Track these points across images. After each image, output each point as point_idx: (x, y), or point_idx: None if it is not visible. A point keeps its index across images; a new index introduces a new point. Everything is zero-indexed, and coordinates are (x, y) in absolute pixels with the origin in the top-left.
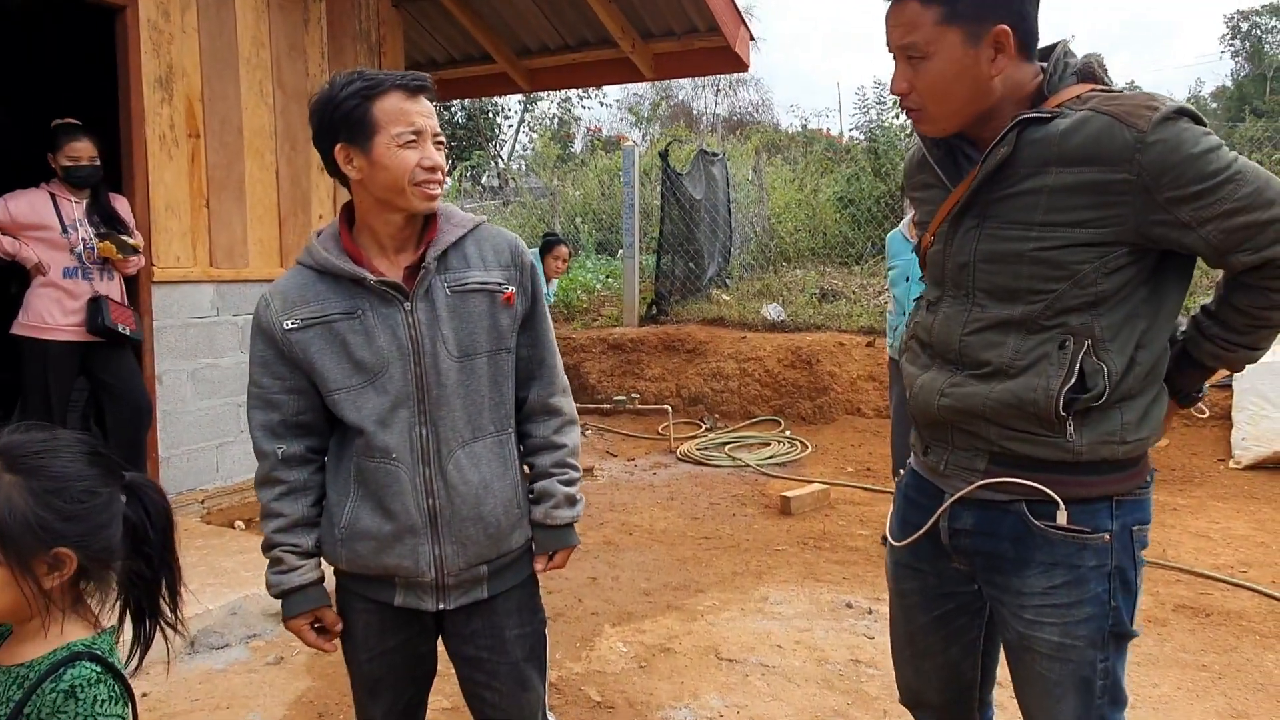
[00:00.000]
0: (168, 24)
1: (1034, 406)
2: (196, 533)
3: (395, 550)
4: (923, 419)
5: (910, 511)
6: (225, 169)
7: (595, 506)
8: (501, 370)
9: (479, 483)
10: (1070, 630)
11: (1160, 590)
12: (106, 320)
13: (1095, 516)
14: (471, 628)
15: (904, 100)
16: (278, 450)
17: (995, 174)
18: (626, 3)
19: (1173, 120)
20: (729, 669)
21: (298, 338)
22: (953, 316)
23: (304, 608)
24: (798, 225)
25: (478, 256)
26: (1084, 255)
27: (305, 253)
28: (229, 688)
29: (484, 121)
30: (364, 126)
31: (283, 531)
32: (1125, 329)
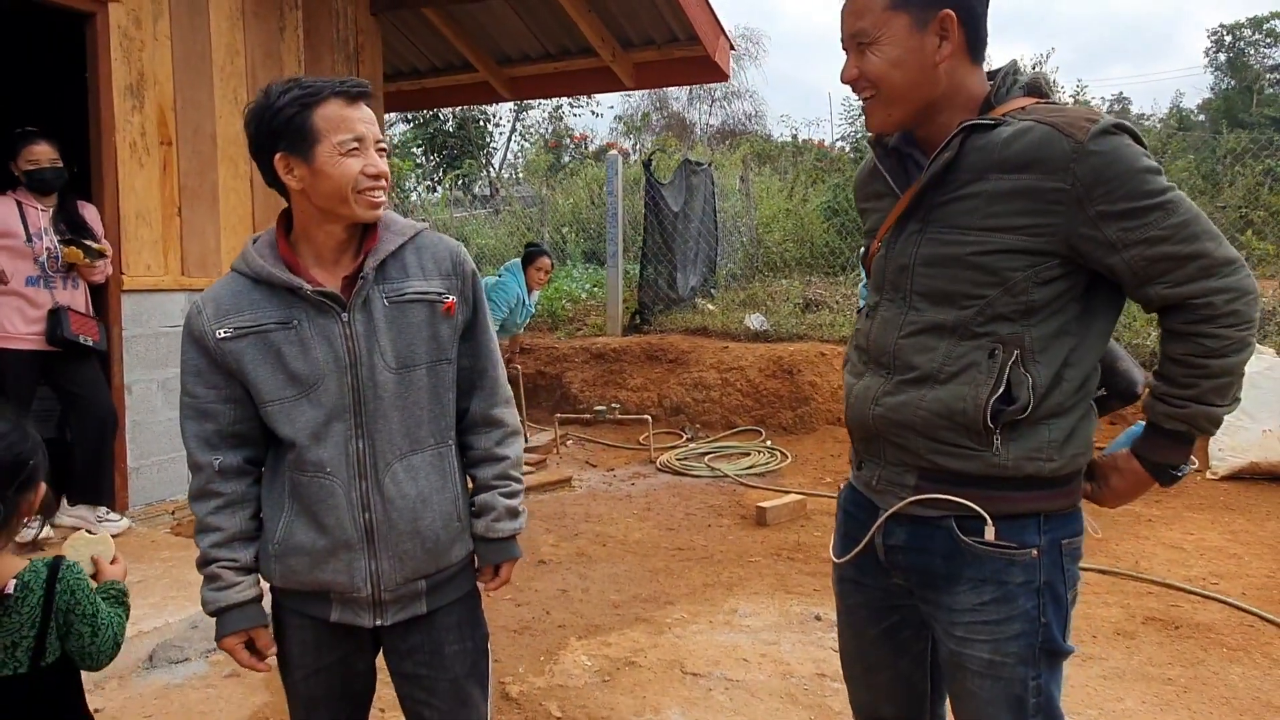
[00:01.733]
0: (139, 31)
1: (963, 416)
2: (163, 544)
3: (330, 566)
4: (858, 431)
5: (850, 526)
6: (198, 177)
7: (571, 517)
8: (442, 381)
9: (416, 496)
10: (1000, 647)
11: (1131, 603)
12: (66, 331)
13: (1023, 532)
14: (409, 644)
15: (854, 88)
16: (214, 461)
17: (939, 179)
18: (606, 12)
19: (1112, 134)
20: (692, 683)
21: (230, 347)
22: (890, 320)
23: (239, 626)
24: (785, 235)
25: (417, 265)
26: (1016, 262)
27: (240, 259)
28: (185, 703)
29: (475, 130)
30: (304, 135)
31: (220, 546)
32: (1055, 344)
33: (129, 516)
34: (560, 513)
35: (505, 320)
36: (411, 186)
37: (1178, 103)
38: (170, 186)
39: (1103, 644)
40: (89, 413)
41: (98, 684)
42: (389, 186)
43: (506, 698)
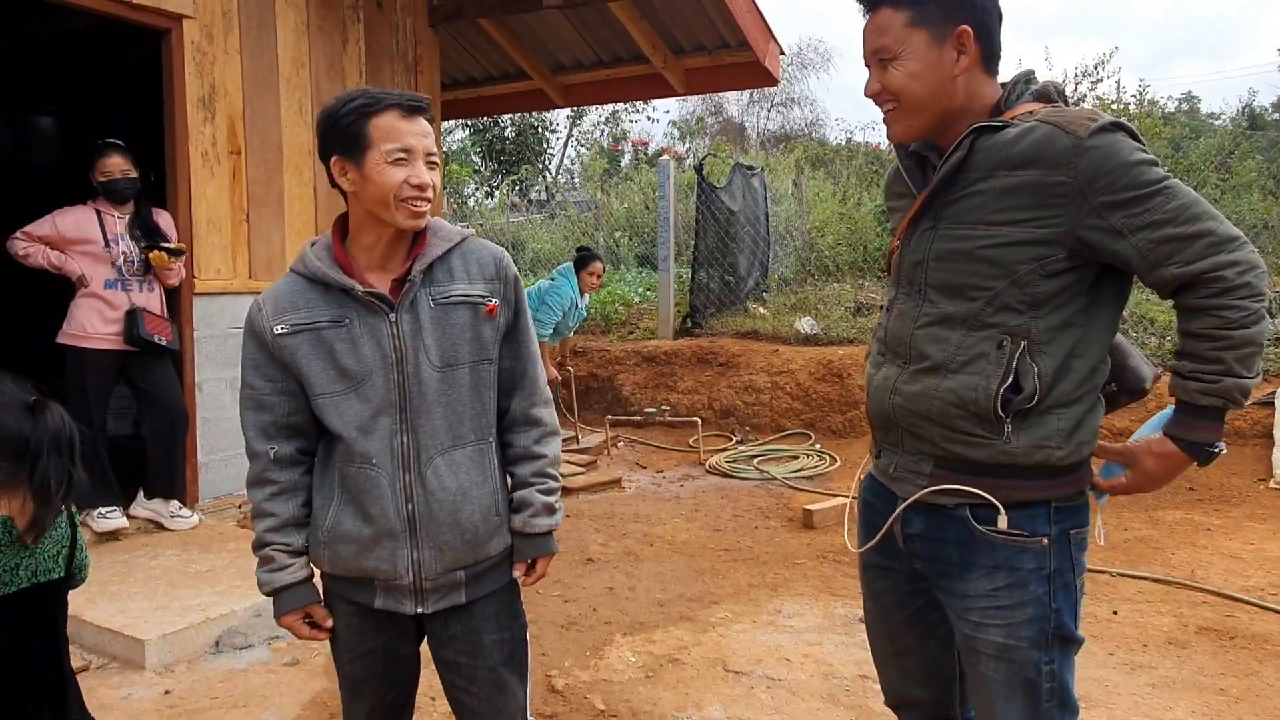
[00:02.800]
0: (211, 46)
1: (975, 405)
2: (230, 536)
3: (374, 553)
4: (878, 419)
5: (870, 514)
6: (265, 185)
7: (620, 517)
8: (483, 380)
9: (457, 489)
10: (1013, 631)
11: (1184, 612)
12: (142, 331)
13: (1034, 521)
14: (450, 632)
15: (877, 101)
16: (270, 450)
17: (950, 178)
18: (658, 20)
19: (1109, 130)
20: (735, 681)
21: (286, 342)
22: (906, 312)
23: (295, 604)
24: (838, 239)
25: (462, 270)
26: (1022, 254)
27: (299, 260)
28: (248, 687)
29: (532, 137)
30: (359, 141)
31: (274, 530)
32: (1061, 335)
33: (199, 509)
34: (610, 513)
35: (558, 323)
36: (470, 192)
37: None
38: (239, 194)
39: (1153, 652)
40: (161, 410)
41: (168, 666)
42: (435, 198)
43: (553, 690)
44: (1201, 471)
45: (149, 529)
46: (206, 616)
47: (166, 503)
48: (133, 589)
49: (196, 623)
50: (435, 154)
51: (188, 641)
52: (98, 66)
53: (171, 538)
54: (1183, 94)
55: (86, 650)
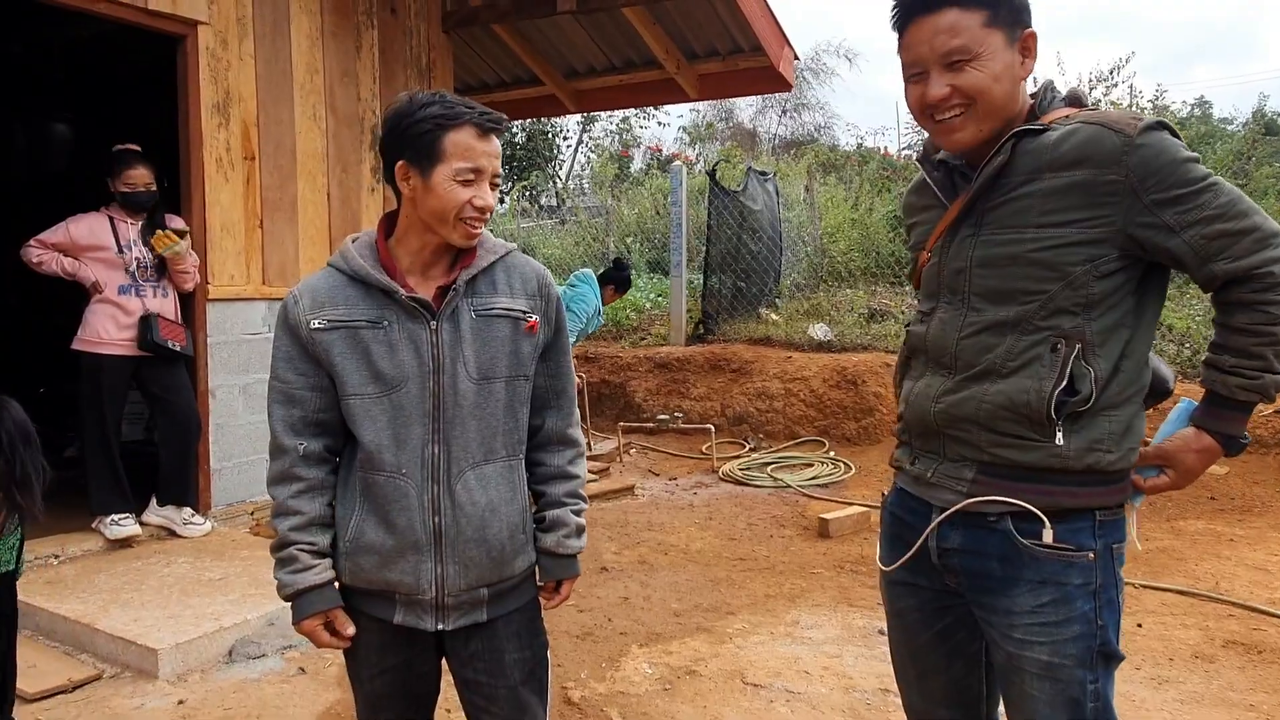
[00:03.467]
0: (226, 52)
1: (1026, 408)
2: (243, 543)
3: (398, 566)
4: (917, 426)
5: (898, 529)
6: (279, 190)
7: (633, 525)
8: (518, 396)
9: (486, 505)
10: (1059, 649)
11: (1210, 625)
12: (156, 337)
13: (1079, 535)
14: (470, 650)
15: (943, 106)
16: (299, 446)
17: (991, 183)
18: (671, 24)
19: (1156, 129)
20: (753, 694)
21: (322, 338)
22: (948, 321)
23: (318, 608)
24: (850, 245)
25: (505, 284)
26: (1076, 256)
27: (339, 256)
28: (261, 697)
29: (543, 142)
30: (430, 153)
31: (299, 530)
32: (1113, 337)
33: (211, 516)
34: (623, 521)
35: (580, 330)
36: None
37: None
38: (253, 199)
39: (1180, 667)
40: (173, 416)
41: (181, 676)
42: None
43: (569, 703)
44: (1223, 481)
45: (161, 536)
46: (220, 625)
47: (179, 510)
48: (145, 597)
49: (210, 632)
50: (499, 174)
51: (201, 651)
52: (110, 72)
53: (184, 545)
54: (1195, 99)
55: (99, 659)
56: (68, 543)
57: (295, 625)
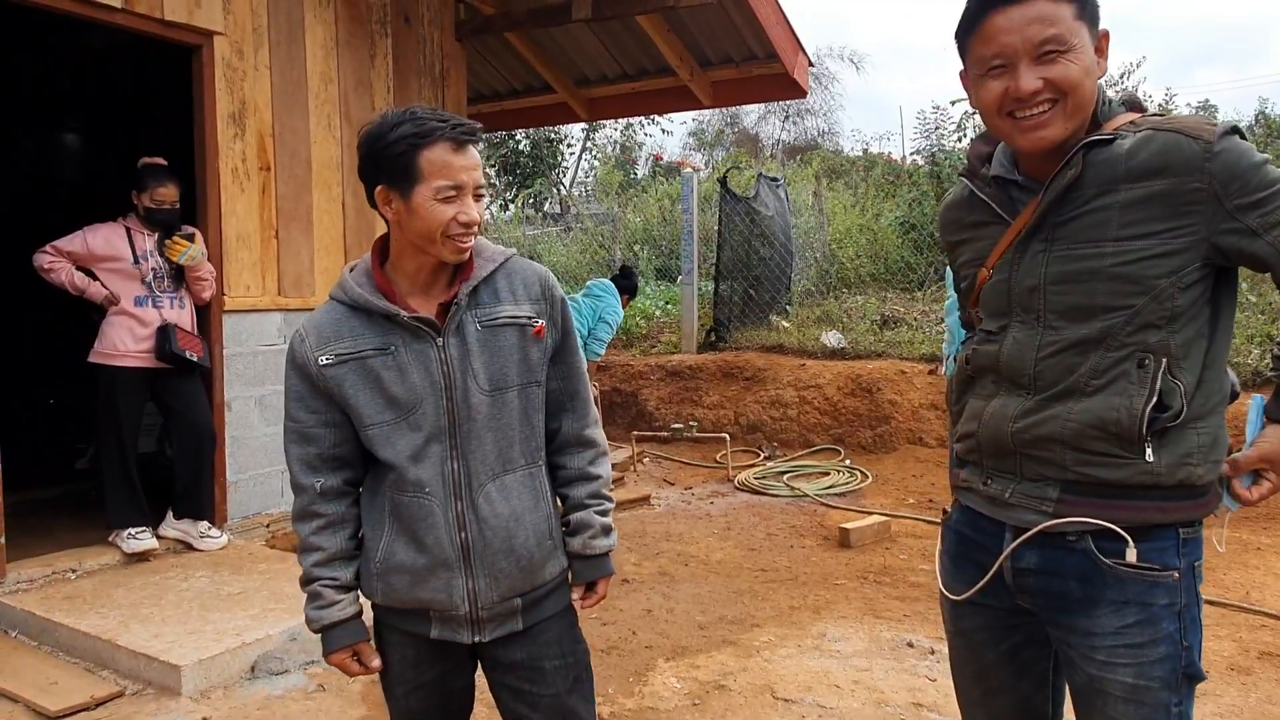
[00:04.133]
0: (241, 62)
1: (1116, 427)
2: (260, 557)
3: (430, 584)
4: (992, 448)
5: (965, 548)
6: (294, 201)
7: (651, 536)
8: (532, 403)
9: (510, 515)
10: (1145, 671)
11: (1244, 636)
12: (174, 347)
13: (1163, 554)
14: (511, 659)
15: (1032, 100)
16: (316, 484)
17: (1062, 196)
18: (685, 32)
19: (1231, 135)
20: (785, 709)
21: (332, 373)
22: (1024, 341)
23: (344, 643)
24: (859, 251)
25: (508, 290)
26: (1160, 268)
27: (338, 287)
28: (286, 714)
29: (547, 149)
30: (407, 174)
31: (321, 565)
32: (1195, 348)
33: (228, 529)
34: (640, 531)
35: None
36: (484, 205)
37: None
38: (269, 210)
39: (1216, 680)
40: (189, 430)
41: (204, 693)
42: (479, 231)
43: (599, 718)
44: None
45: (178, 549)
46: (242, 641)
47: (195, 523)
48: (165, 612)
49: (232, 647)
50: (482, 185)
51: (224, 667)
52: (124, 83)
53: (202, 559)
54: (1199, 102)
55: (121, 676)
56: (84, 557)
57: (325, 658)
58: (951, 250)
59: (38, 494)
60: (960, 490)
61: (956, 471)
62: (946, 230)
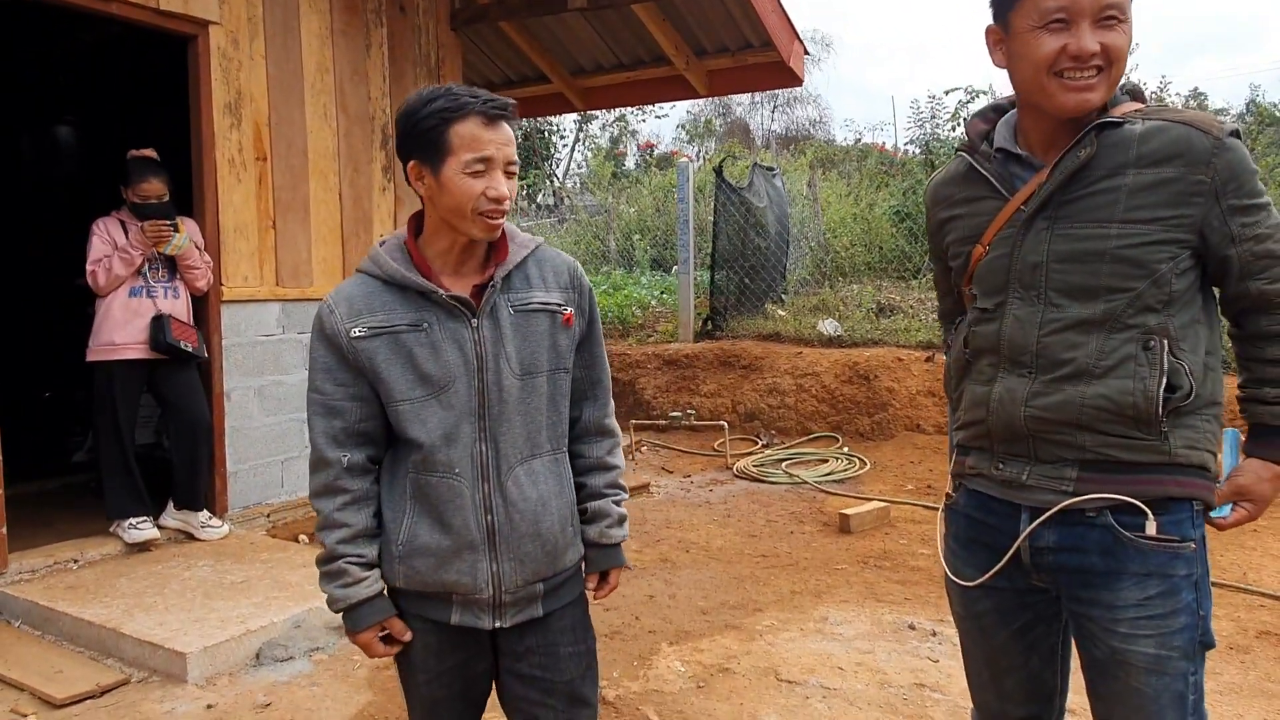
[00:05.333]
0: (237, 52)
1: (1133, 410)
2: (262, 546)
3: (454, 566)
4: (1004, 433)
5: (978, 532)
6: (291, 190)
7: (651, 523)
8: (559, 390)
9: (537, 500)
10: (1167, 641)
11: (1242, 616)
12: (168, 337)
13: (1182, 526)
14: (525, 645)
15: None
16: (342, 458)
17: (1072, 175)
18: (680, 21)
19: (1237, 136)
20: (789, 691)
21: (364, 346)
22: (1026, 318)
23: (374, 619)
24: (853, 240)
25: (539, 277)
26: (1162, 254)
27: (370, 261)
28: (292, 700)
29: (539, 141)
30: (437, 148)
31: (346, 542)
32: (1190, 332)
33: (228, 519)
34: (641, 518)
35: None
36: None
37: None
38: (265, 200)
39: (1215, 658)
40: (184, 420)
41: (210, 680)
42: (510, 208)
43: (604, 701)
44: None
45: (180, 539)
46: (246, 629)
47: (196, 513)
48: (169, 601)
49: (237, 635)
50: (515, 162)
51: (229, 654)
52: (119, 75)
53: (203, 548)
54: (1190, 90)
55: (126, 664)
56: (86, 547)
57: (351, 637)
58: (940, 228)
59: (36, 486)
60: (969, 477)
61: (962, 459)
62: (937, 205)
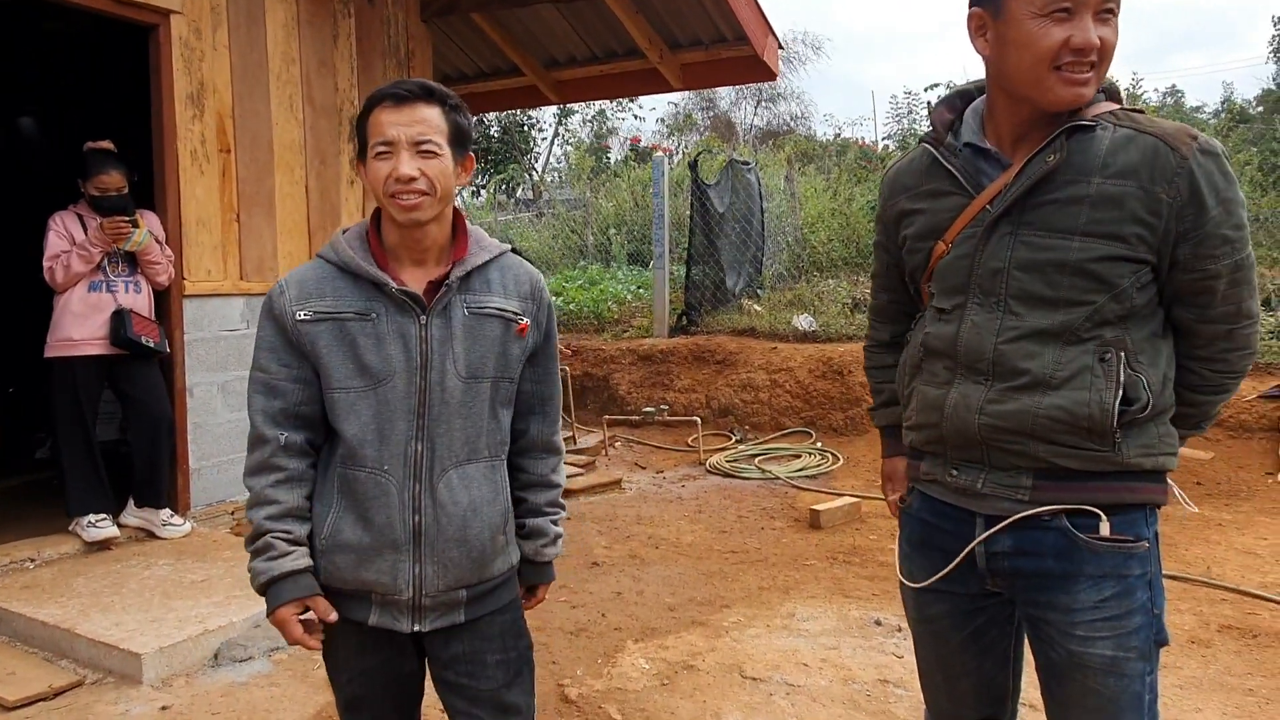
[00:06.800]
0: (199, 41)
1: (1088, 421)
2: (224, 544)
3: (374, 565)
4: (957, 439)
5: (933, 536)
6: (255, 184)
7: (622, 519)
8: (501, 397)
9: (468, 505)
10: (1123, 642)
11: (1204, 610)
12: (129, 332)
13: (1135, 525)
14: (450, 653)
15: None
16: (280, 436)
17: (1039, 180)
18: (654, 14)
19: (1208, 155)
20: (753, 688)
21: (307, 329)
22: (983, 324)
23: (294, 594)
24: (830, 235)
25: (500, 283)
26: (1123, 269)
27: (329, 247)
28: (250, 701)
29: (518, 135)
30: (362, 140)
31: (275, 519)
32: (1150, 345)
33: (191, 517)
34: (611, 515)
35: None
36: (456, 191)
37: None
38: (229, 193)
39: (1176, 653)
40: (143, 416)
41: (166, 681)
42: (441, 189)
43: (565, 700)
44: (1209, 466)
45: (141, 538)
46: (205, 628)
47: (157, 511)
48: (127, 600)
49: (194, 635)
50: (429, 140)
51: (185, 654)
52: (81, 65)
53: (164, 547)
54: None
55: (80, 665)
56: (44, 546)
57: (269, 615)
58: (899, 219)
59: None
60: (924, 482)
61: (916, 464)
62: (895, 195)
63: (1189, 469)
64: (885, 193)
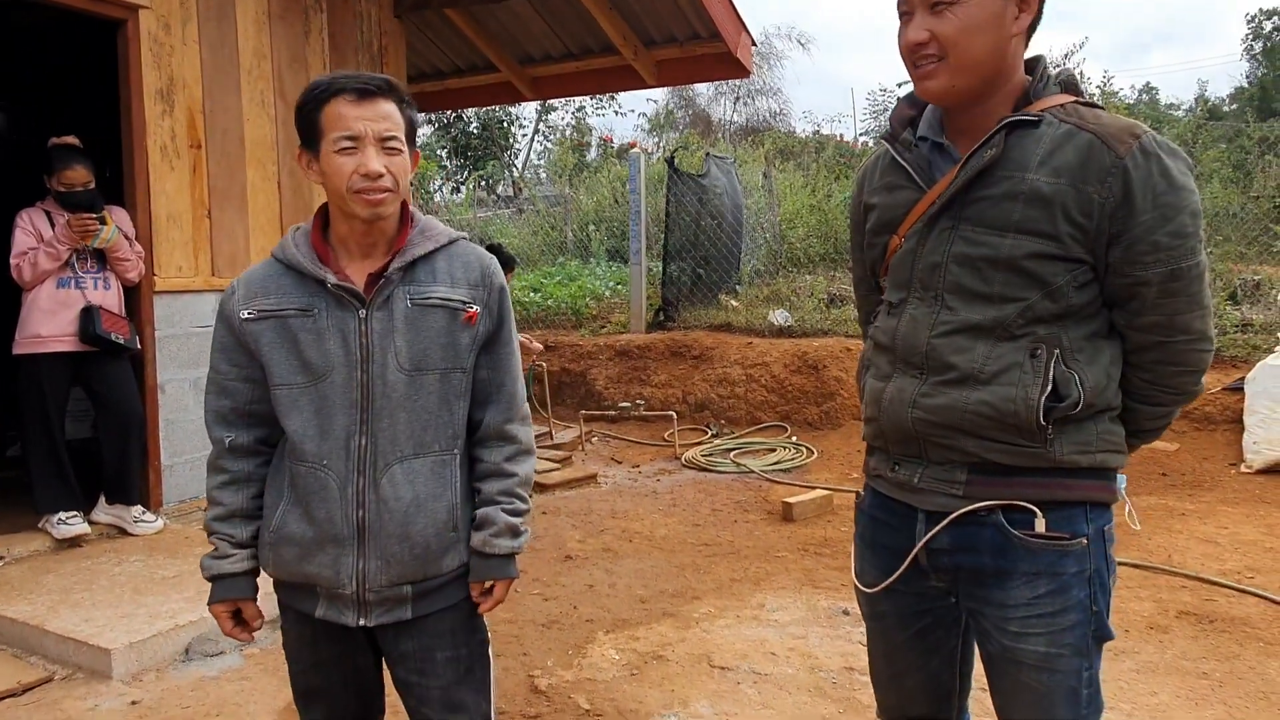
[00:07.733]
0: (168, 36)
1: (1014, 418)
2: (196, 540)
3: (316, 558)
4: (894, 433)
5: (879, 533)
6: (227, 179)
7: (597, 514)
8: (453, 389)
9: (411, 500)
10: (1056, 639)
11: (1164, 596)
12: (98, 329)
13: (1072, 522)
14: (400, 650)
15: (919, 52)
16: (226, 438)
17: (978, 174)
18: (628, 10)
19: (1148, 156)
20: (720, 676)
21: (252, 329)
22: (920, 318)
23: (225, 595)
24: (808, 231)
25: (446, 272)
26: (1056, 267)
27: (279, 246)
28: (220, 695)
29: (499, 131)
30: (314, 131)
31: (220, 520)
32: (1091, 344)
33: (164, 514)
34: (586, 509)
35: None
36: (436, 187)
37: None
38: (200, 189)
39: (1135, 638)
40: (113, 413)
41: (135, 676)
42: (401, 186)
43: (536, 691)
44: (1173, 457)
45: (112, 534)
46: (175, 624)
47: (129, 507)
48: (97, 597)
49: (165, 630)
50: (394, 137)
51: (156, 650)
52: (49, 61)
53: (136, 543)
54: (1142, 85)
55: (49, 661)
56: (13, 544)
57: (208, 607)
58: (864, 214)
59: None
60: (872, 478)
61: (867, 459)
62: (862, 192)
63: (1155, 460)
64: (855, 190)
